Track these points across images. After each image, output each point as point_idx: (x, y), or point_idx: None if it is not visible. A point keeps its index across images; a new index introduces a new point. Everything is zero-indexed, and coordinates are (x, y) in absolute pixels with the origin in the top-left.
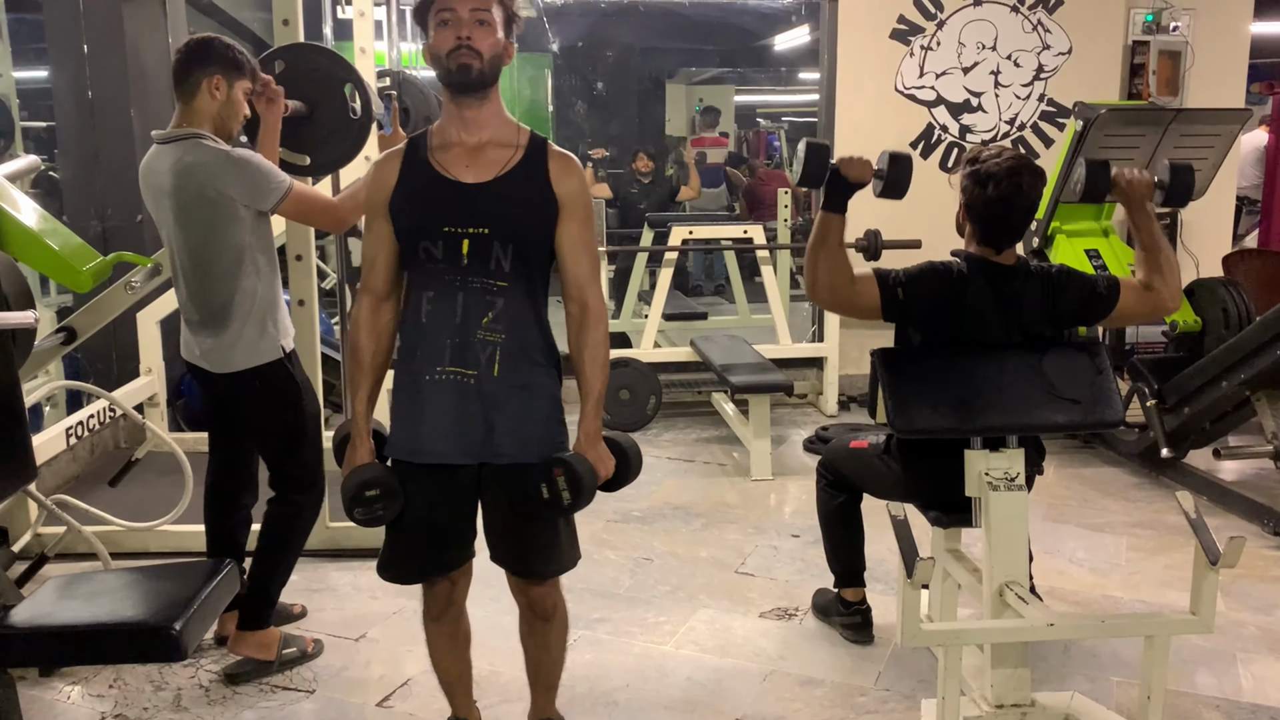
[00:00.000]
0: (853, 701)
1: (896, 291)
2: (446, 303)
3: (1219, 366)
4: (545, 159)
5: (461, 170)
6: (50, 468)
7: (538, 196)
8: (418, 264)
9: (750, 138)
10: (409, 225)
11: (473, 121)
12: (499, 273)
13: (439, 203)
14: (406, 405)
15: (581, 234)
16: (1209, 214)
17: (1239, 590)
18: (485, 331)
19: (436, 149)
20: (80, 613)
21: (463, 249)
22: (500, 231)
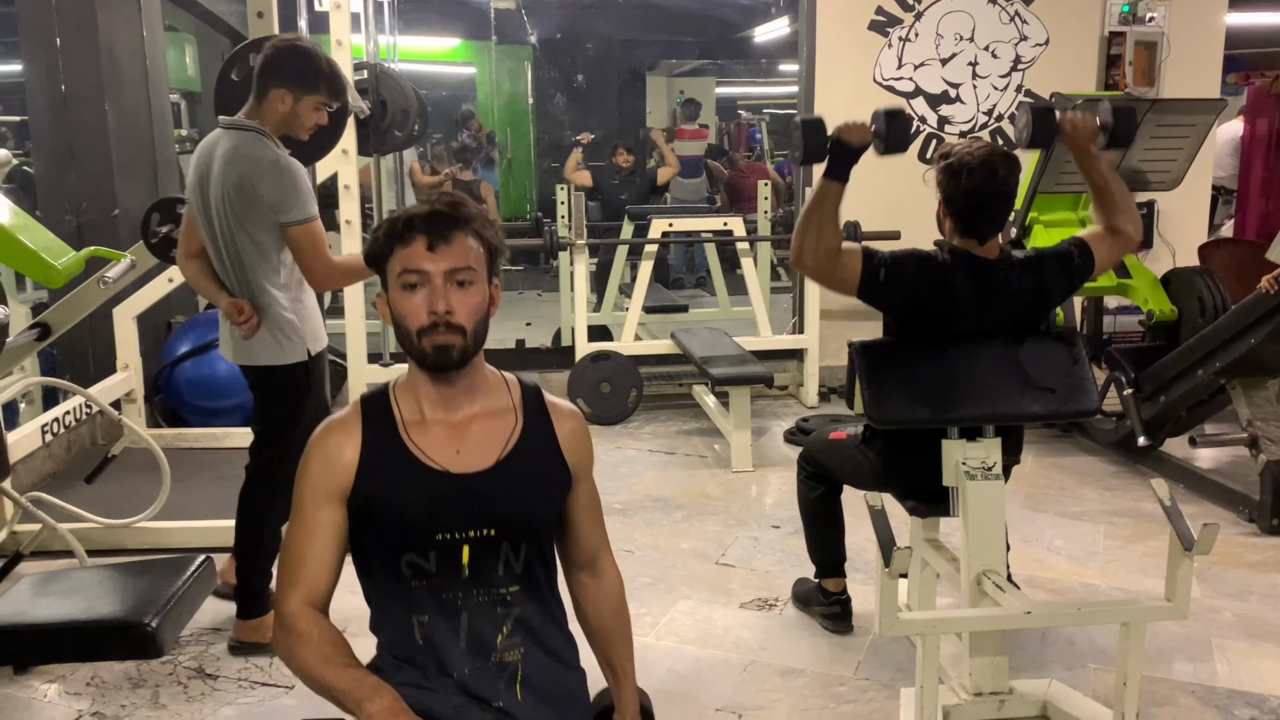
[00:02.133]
0: (832, 691)
1: (879, 272)
2: (446, 626)
3: (1195, 355)
4: (550, 423)
5: (450, 457)
6: (26, 465)
7: (552, 472)
8: (398, 580)
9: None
10: (386, 533)
11: (455, 399)
12: (509, 578)
13: (427, 501)
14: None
15: (591, 496)
16: (1185, 204)
17: (1215, 577)
18: (502, 652)
19: (410, 424)
20: (55, 610)
21: (462, 559)
22: (511, 529)
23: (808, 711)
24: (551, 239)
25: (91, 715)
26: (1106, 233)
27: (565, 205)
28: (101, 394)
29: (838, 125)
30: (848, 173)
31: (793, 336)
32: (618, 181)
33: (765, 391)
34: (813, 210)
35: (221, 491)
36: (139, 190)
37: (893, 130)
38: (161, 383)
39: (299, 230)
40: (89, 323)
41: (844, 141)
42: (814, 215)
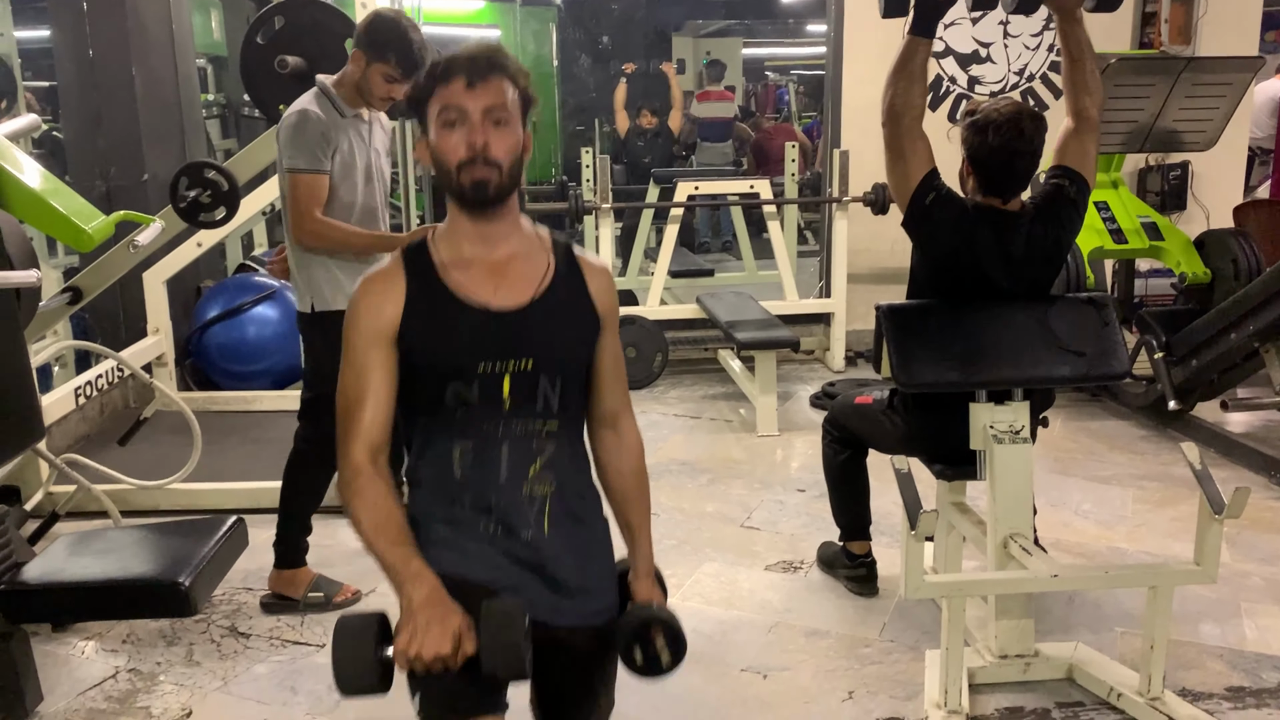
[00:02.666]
0: (857, 652)
1: (931, 193)
2: (487, 456)
3: (1228, 318)
4: (580, 268)
5: (488, 294)
6: (60, 427)
7: (582, 314)
8: (442, 411)
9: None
10: (432, 364)
11: (491, 235)
12: (547, 411)
13: (470, 336)
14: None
15: (615, 351)
16: (1220, 164)
17: (1244, 541)
18: (532, 484)
19: (450, 266)
20: (92, 569)
21: (504, 389)
22: (548, 363)
23: (833, 673)
24: (576, 203)
25: (128, 671)
26: (1074, 126)
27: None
28: (133, 358)
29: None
30: (934, 29)
31: (819, 300)
32: (643, 144)
33: (791, 356)
34: (899, 69)
35: (252, 454)
36: (167, 155)
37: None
38: (192, 347)
39: (291, 179)
40: (119, 287)
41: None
42: (901, 73)
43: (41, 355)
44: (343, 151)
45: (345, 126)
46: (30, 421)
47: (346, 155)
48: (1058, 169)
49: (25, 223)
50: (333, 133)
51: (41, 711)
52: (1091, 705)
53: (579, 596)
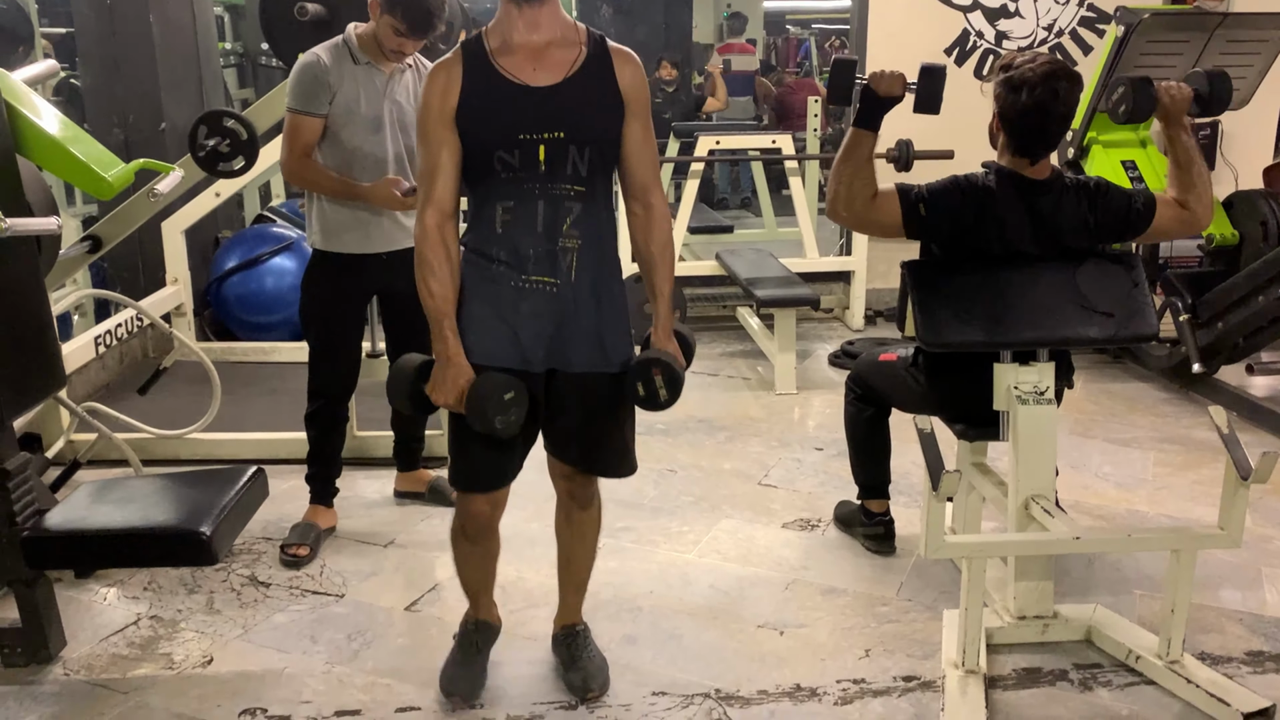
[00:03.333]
0: (874, 611)
1: (919, 208)
2: (526, 211)
3: (1256, 281)
4: (609, 56)
5: (529, 74)
6: (80, 376)
7: (607, 95)
8: (491, 174)
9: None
10: (481, 134)
11: (534, 22)
12: (576, 177)
13: (511, 109)
14: (484, 316)
15: (645, 133)
16: (1250, 124)
17: (1266, 506)
18: (565, 239)
19: (498, 52)
20: (114, 517)
21: (539, 155)
22: (576, 134)
23: (849, 630)
24: None
25: (149, 618)
26: (1178, 204)
27: None
28: (151, 307)
29: (872, 71)
30: (876, 123)
31: (840, 258)
32: (660, 100)
33: (810, 314)
34: (843, 161)
35: (272, 404)
36: (185, 103)
37: (925, 86)
38: (210, 297)
39: (286, 117)
40: (138, 236)
41: (872, 91)
42: (845, 166)
43: (62, 304)
44: (346, 97)
45: (355, 74)
46: (52, 369)
47: (351, 102)
48: (1148, 194)
49: (45, 170)
50: (333, 78)
51: (65, 656)
52: (1110, 667)
53: (597, 343)
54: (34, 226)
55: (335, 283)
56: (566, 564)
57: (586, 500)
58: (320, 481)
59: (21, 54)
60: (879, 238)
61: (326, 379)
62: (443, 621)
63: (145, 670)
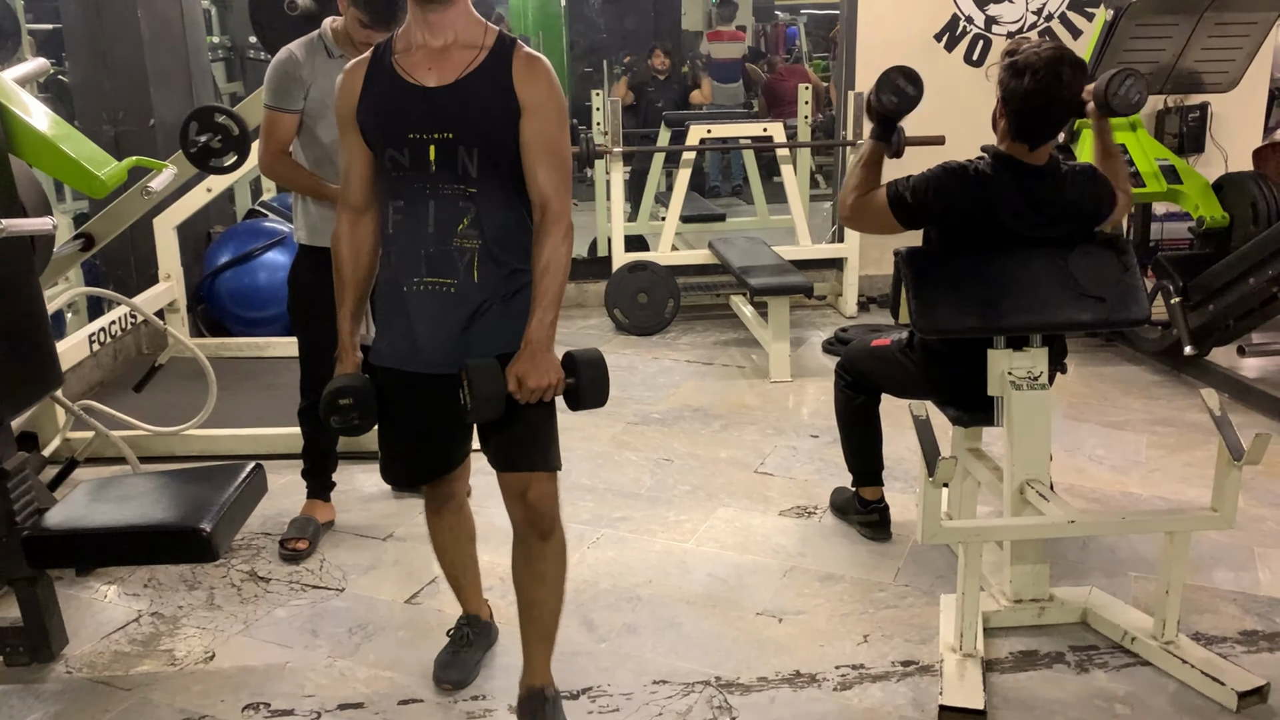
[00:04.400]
0: (872, 597)
1: (904, 198)
2: (418, 211)
3: (1246, 263)
4: (509, 60)
5: (424, 74)
6: (75, 374)
7: (499, 98)
8: (385, 173)
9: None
10: (375, 134)
11: (437, 25)
12: (467, 178)
13: (403, 109)
14: (387, 314)
15: (542, 135)
16: (1240, 106)
17: (1257, 487)
18: (461, 239)
19: (400, 53)
20: (114, 515)
21: (429, 155)
22: (465, 135)
23: (847, 616)
24: (588, 147)
25: (150, 615)
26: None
27: (600, 111)
28: (145, 304)
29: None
30: (888, 135)
31: (832, 245)
32: (653, 89)
33: (804, 301)
34: (865, 167)
35: (267, 399)
36: (174, 99)
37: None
38: (203, 292)
39: (263, 113)
40: (130, 233)
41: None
42: (861, 169)
43: (55, 302)
44: (321, 91)
45: (329, 68)
46: (48, 368)
47: (326, 96)
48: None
49: (37, 169)
50: (307, 73)
51: (67, 654)
52: (1106, 649)
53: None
54: (29, 226)
55: (322, 277)
56: (528, 611)
57: (546, 526)
58: (316, 476)
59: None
60: (884, 233)
61: (317, 373)
62: (443, 614)
63: (147, 667)
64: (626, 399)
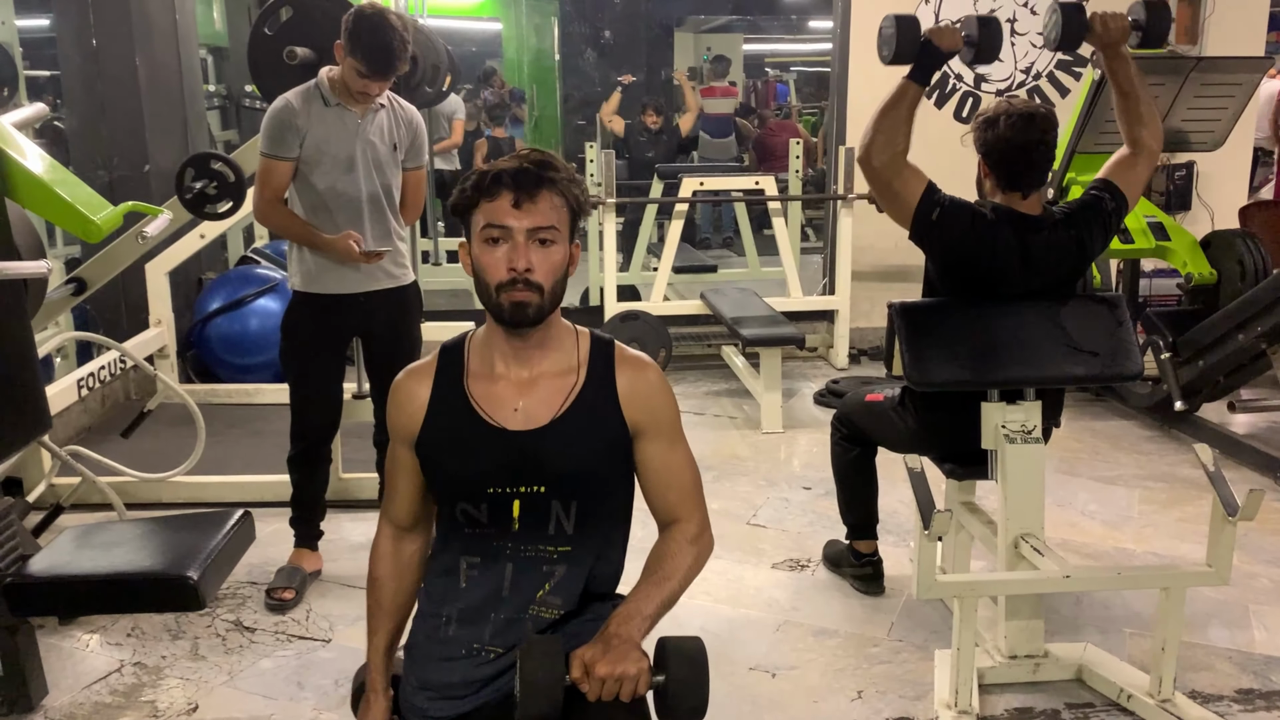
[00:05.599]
0: (865, 652)
1: (934, 210)
2: (492, 572)
3: (1235, 319)
4: (613, 376)
5: (508, 414)
6: (62, 419)
7: (605, 431)
8: (454, 524)
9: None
10: (444, 480)
11: (524, 354)
12: (560, 537)
13: (481, 455)
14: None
15: (669, 454)
16: (1225, 165)
17: (1251, 543)
18: (540, 607)
19: (475, 377)
20: (98, 562)
21: (513, 512)
22: (561, 489)
23: (841, 671)
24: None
25: (133, 665)
26: (1130, 152)
27: (594, 163)
28: (135, 349)
29: (930, 28)
30: (930, 77)
31: (823, 298)
32: (645, 139)
33: (795, 353)
34: (888, 110)
35: (256, 446)
36: (170, 145)
37: (984, 36)
38: (193, 338)
39: (259, 161)
40: (121, 278)
41: (934, 45)
42: (889, 115)
43: (45, 346)
44: (317, 138)
45: (325, 115)
46: (37, 413)
47: (322, 143)
48: (1102, 182)
49: (32, 212)
50: (303, 121)
51: (47, 705)
52: (1101, 706)
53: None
54: (24, 270)
55: (315, 324)
56: None
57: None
58: (304, 524)
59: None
60: (885, 206)
61: (307, 421)
62: None
63: (129, 718)
64: None
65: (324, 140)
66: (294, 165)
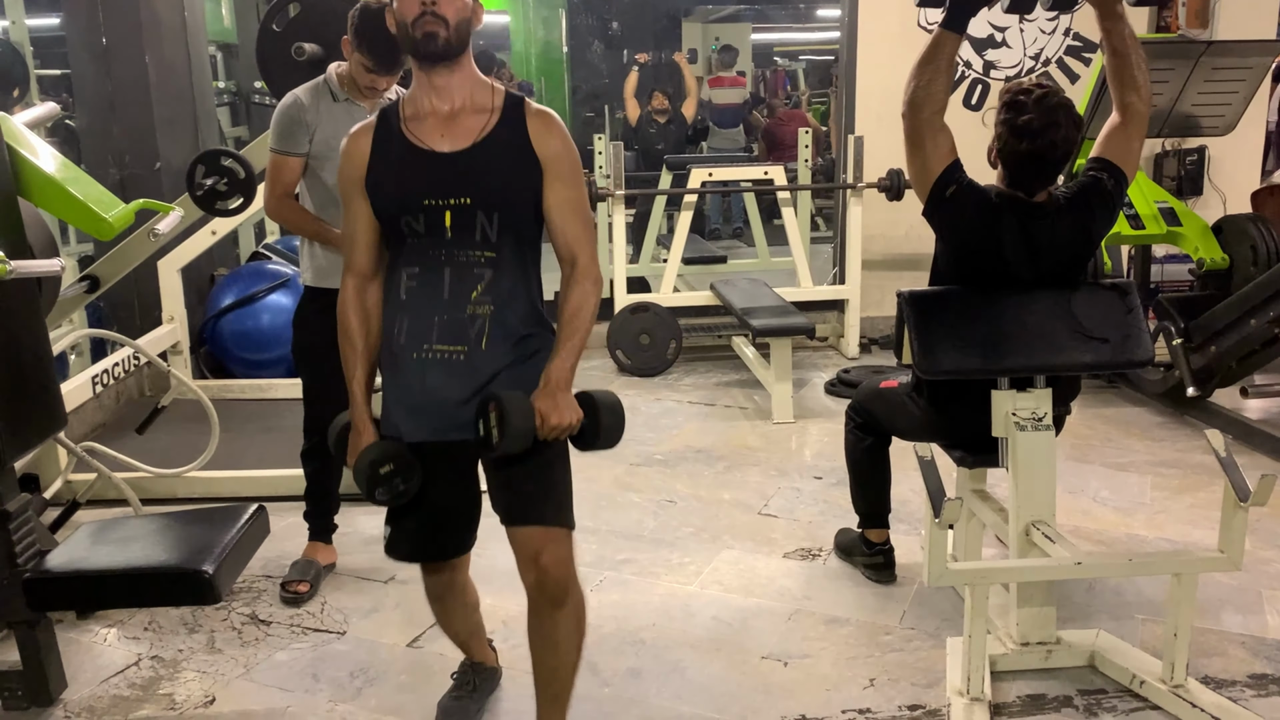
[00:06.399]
0: (878, 640)
1: (952, 185)
2: (432, 278)
3: (1247, 304)
4: (524, 119)
5: (436, 140)
6: (77, 415)
7: (519, 160)
8: (399, 240)
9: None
10: (387, 201)
11: (444, 89)
12: (485, 243)
13: (417, 175)
14: (393, 385)
15: (569, 194)
16: (1237, 149)
17: (1264, 529)
18: (474, 305)
19: (410, 119)
20: (115, 557)
21: (445, 221)
22: (483, 200)
23: (854, 660)
24: (590, 189)
25: (150, 658)
26: (1120, 120)
27: (603, 155)
28: (148, 346)
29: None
30: (965, 25)
31: (833, 287)
32: (654, 130)
33: (805, 343)
34: (926, 60)
35: (269, 442)
36: (180, 143)
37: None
38: (206, 335)
39: (269, 157)
40: (134, 275)
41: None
42: (927, 66)
43: (60, 343)
44: (326, 134)
45: (335, 111)
46: (53, 410)
47: (331, 139)
48: (1097, 161)
49: (45, 211)
50: (312, 117)
51: (66, 698)
52: (1114, 693)
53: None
54: (37, 268)
55: (326, 319)
56: (541, 674)
57: (559, 593)
58: (318, 518)
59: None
60: (911, 164)
61: (321, 415)
62: (445, 658)
63: (147, 711)
64: (629, 440)
65: (333, 136)
66: (304, 161)
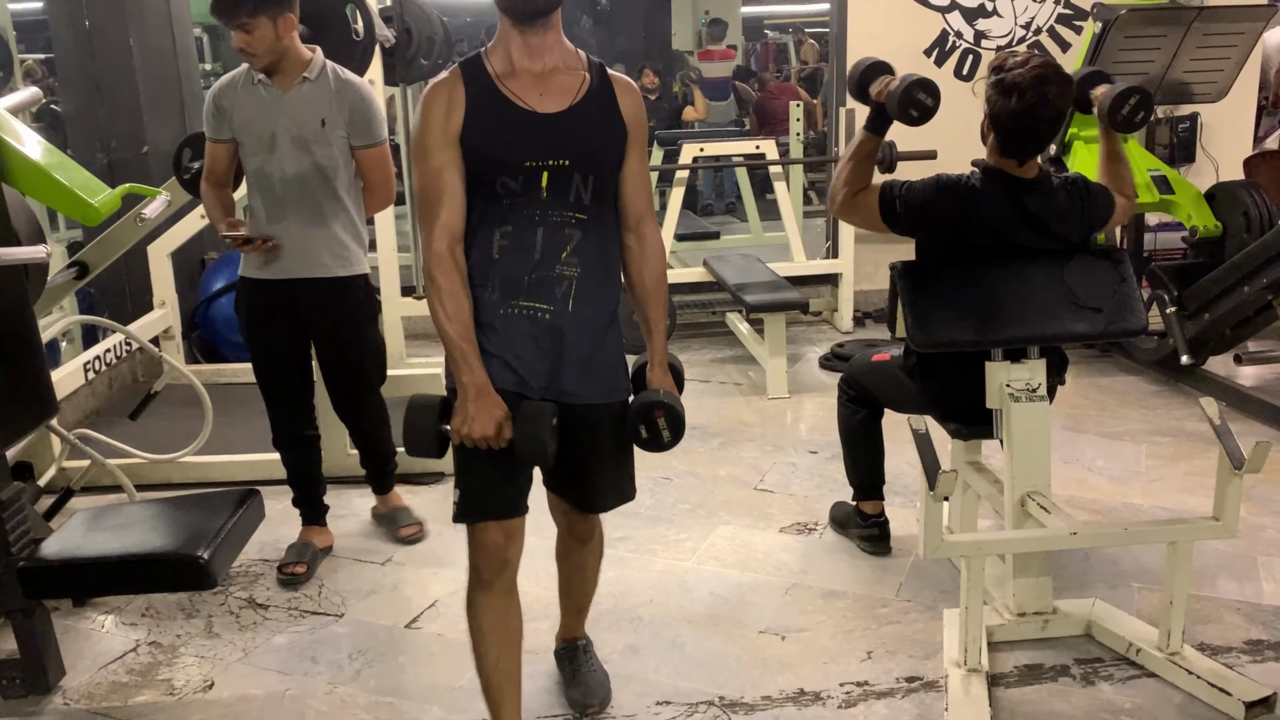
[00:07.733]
0: (875, 613)
1: (895, 204)
2: (524, 238)
3: (1240, 271)
4: (611, 85)
5: (535, 99)
6: (70, 402)
7: (611, 125)
8: (492, 198)
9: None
10: (486, 158)
11: (538, 48)
12: (579, 205)
13: (519, 134)
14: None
15: (641, 163)
16: (1229, 116)
17: (1259, 495)
18: (564, 266)
19: (503, 76)
20: (111, 544)
21: (542, 182)
22: (580, 163)
23: (851, 633)
24: None
25: (148, 644)
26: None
27: None
28: (140, 331)
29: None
30: (886, 129)
31: (827, 261)
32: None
33: (799, 318)
34: (850, 157)
35: (263, 425)
36: (167, 126)
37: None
38: (198, 319)
39: None
40: (124, 261)
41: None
42: (850, 161)
43: (50, 331)
44: (241, 118)
45: (251, 94)
46: (43, 397)
47: (246, 123)
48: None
49: (30, 197)
50: (229, 102)
51: (64, 685)
52: (1111, 661)
53: (596, 375)
54: (22, 256)
55: (255, 307)
56: (567, 591)
57: (587, 534)
58: (306, 504)
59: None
60: (871, 231)
61: (269, 396)
62: (443, 638)
63: (146, 697)
64: None
65: (248, 120)
66: (231, 147)
